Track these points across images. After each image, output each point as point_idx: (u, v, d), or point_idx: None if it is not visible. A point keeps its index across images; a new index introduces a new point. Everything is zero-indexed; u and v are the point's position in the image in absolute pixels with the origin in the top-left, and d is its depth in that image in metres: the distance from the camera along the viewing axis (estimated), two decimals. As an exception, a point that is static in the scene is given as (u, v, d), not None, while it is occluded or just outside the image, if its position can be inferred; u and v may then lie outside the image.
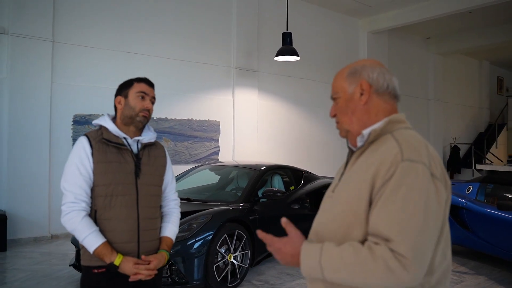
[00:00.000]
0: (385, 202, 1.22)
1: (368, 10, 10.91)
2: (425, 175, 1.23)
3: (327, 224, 1.39)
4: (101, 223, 2.04)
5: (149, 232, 2.13)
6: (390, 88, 1.42)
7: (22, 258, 5.69)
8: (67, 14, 7.07)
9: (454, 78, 15.25)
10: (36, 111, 6.72)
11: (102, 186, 2.03)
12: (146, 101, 2.16)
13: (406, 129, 1.37)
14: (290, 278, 4.95)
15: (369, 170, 1.29)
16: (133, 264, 2.00)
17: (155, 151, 2.24)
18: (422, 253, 1.18)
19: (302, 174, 6.41)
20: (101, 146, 2.07)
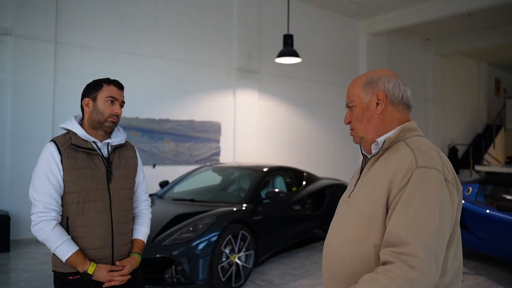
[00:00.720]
0: (402, 207, 1.29)
1: (368, 12, 10.98)
2: (439, 180, 1.30)
3: (345, 228, 1.46)
4: (74, 230, 2.00)
5: (122, 237, 2.12)
6: (404, 98, 1.50)
7: (26, 258, 5.72)
8: (70, 15, 7.10)
9: (452, 79, 15.34)
10: (39, 111, 6.75)
11: (74, 193, 1.99)
12: (116, 106, 2.10)
13: (418, 137, 1.46)
14: (293, 278, 5.00)
15: (386, 177, 1.36)
16: (106, 271, 1.99)
17: (125, 152, 2.20)
18: (437, 254, 1.26)
19: (303, 175, 6.47)
20: (70, 152, 2.01)
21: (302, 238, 5.84)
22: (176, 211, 4.80)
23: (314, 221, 6.01)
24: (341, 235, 1.46)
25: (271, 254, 5.33)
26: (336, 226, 1.53)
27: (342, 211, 1.53)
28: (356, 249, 1.39)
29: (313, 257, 5.91)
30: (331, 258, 1.50)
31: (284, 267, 5.42)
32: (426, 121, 14.08)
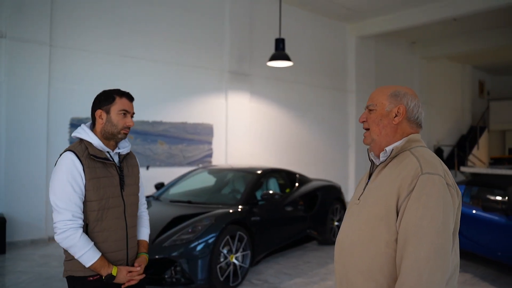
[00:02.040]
0: (410, 209, 1.48)
1: (357, 16, 11.20)
2: (441, 185, 1.49)
3: (356, 227, 1.64)
4: (93, 236, 2.11)
5: (133, 239, 2.28)
6: (419, 119, 1.70)
7: (23, 260, 5.77)
8: (65, 18, 7.15)
9: (438, 82, 15.66)
10: (34, 114, 6.79)
11: (95, 202, 2.09)
12: (128, 119, 2.20)
13: (422, 147, 1.65)
14: (288, 277, 5.16)
15: (395, 182, 1.54)
16: (126, 272, 2.15)
17: (131, 161, 2.33)
18: (443, 249, 1.44)
19: (296, 177, 6.63)
20: (90, 163, 2.10)
21: (295, 238, 6.00)
22: (174, 213, 4.92)
23: (307, 222, 6.18)
24: (353, 234, 1.64)
25: (266, 254, 5.47)
26: (348, 226, 1.70)
27: (353, 212, 1.70)
28: (368, 247, 1.57)
29: (306, 257, 6.07)
30: (344, 255, 1.67)
31: (278, 266, 5.58)
32: (413, 123, 14.32)
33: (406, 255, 1.45)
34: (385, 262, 1.53)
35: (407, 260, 1.44)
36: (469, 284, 5.05)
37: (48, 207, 6.93)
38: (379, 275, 1.54)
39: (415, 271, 1.42)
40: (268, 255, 5.58)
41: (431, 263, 1.41)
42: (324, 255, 6.16)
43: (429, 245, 1.42)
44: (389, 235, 1.52)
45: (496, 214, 5.22)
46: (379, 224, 1.55)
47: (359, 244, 1.60)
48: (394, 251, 1.52)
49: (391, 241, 1.52)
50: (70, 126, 7.15)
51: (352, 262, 1.62)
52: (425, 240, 1.43)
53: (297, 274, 5.30)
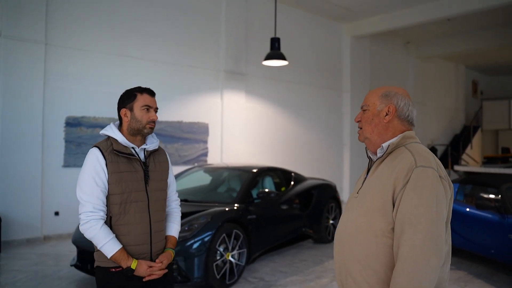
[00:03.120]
0: (405, 199, 1.57)
1: (352, 16, 11.26)
2: (435, 177, 1.58)
3: (355, 218, 1.74)
4: (116, 229, 2.19)
5: (159, 234, 2.31)
6: (409, 117, 1.80)
7: (19, 259, 5.77)
8: (60, 17, 7.14)
9: (432, 82, 15.75)
10: (29, 113, 6.78)
11: (117, 195, 2.18)
12: (151, 113, 2.28)
13: (416, 143, 1.75)
14: (284, 275, 5.19)
15: (391, 176, 1.64)
16: (147, 267, 2.19)
17: (159, 157, 2.39)
18: (437, 237, 1.53)
19: (291, 175, 6.66)
20: (113, 157, 2.19)
21: (291, 236, 6.03)
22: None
23: (302, 220, 6.21)
24: (352, 225, 1.73)
25: (262, 252, 5.50)
26: (347, 217, 1.80)
27: (352, 205, 1.80)
28: (366, 235, 1.66)
29: (301, 255, 6.11)
30: (344, 244, 1.76)
31: (274, 264, 5.61)
32: (407, 122, 14.40)
33: (402, 242, 1.54)
34: (382, 251, 1.62)
35: (404, 247, 1.53)
36: (463, 281, 5.11)
37: (44, 205, 6.93)
38: (376, 264, 1.63)
39: (411, 257, 1.50)
40: (264, 253, 5.61)
41: (426, 250, 1.50)
42: (319, 253, 6.20)
43: (424, 233, 1.51)
44: (386, 225, 1.62)
45: (489, 212, 5.28)
46: (377, 215, 1.64)
47: (357, 234, 1.69)
48: (390, 240, 1.61)
49: (388, 230, 1.61)
50: (66, 125, 7.14)
51: (351, 252, 1.70)
52: (420, 228, 1.51)
53: (293, 272, 5.34)
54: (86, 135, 7.32)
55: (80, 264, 4.59)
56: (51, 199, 7.01)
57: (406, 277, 1.50)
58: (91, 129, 7.38)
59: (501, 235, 5.05)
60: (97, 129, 7.42)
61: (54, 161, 7.06)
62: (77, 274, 5.03)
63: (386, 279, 1.61)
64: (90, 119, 7.38)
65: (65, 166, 7.12)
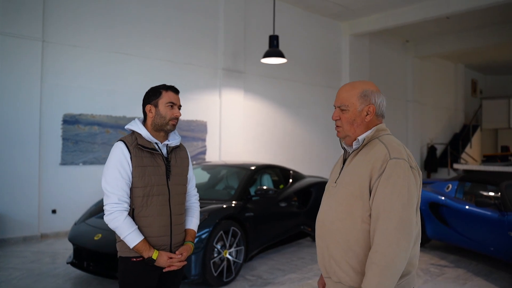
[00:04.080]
0: (380, 188, 1.74)
1: (350, 14, 11.22)
2: (406, 168, 1.76)
3: (335, 206, 1.88)
4: (138, 220, 2.28)
5: (178, 227, 2.40)
6: (383, 111, 1.95)
7: (15, 257, 5.72)
8: (57, 13, 7.10)
9: (431, 81, 15.73)
10: (26, 110, 6.73)
11: (140, 188, 2.26)
12: (175, 110, 2.38)
13: (388, 135, 1.90)
14: (282, 273, 5.16)
15: (367, 166, 1.79)
16: (167, 258, 2.28)
17: (180, 153, 2.48)
18: (409, 221, 1.71)
19: (290, 173, 6.62)
20: (137, 152, 2.28)
21: (289, 234, 5.99)
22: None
23: (301, 217, 6.18)
24: (332, 211, 1.88)
25: (260, 250, 5.46)
26: (327, 205, 1.94)
27: (331, 193, 1.94)
28: (346, 222, 1.81)
29: (299, 253, 6.07)
30: (325, 230, 1.90)
31: (272, 262, 5.57)
32: (406, 121, 14.41)
33: (377, 227, 1.72)
34: (361, 234, 1.78)
35: (379, 231, 1.71)
36: (462, 279, 5.08)
37: (41, 203, 6.89)
38: (356, 246, 1.79)
39: (385, 240, 1.68)
40: (262, 251, 5.57)
41: (398, 233, 1.68)
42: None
43: (397, 218, 1.69)
44: (364, 211, 1.78)
45: (489, 210, 5.25)
46: (355, 202, 1.80)
47: (338, 220, 1.84)
48: (368, 225, 1.77)
49: (366, 216, 1.78)
50: (63, 123, 7.10)
51: (333, 236, 1.85)
52: (394, 214, 1.70)
53: (291, 269, 5.30)
54: (83, 133, 7.27)
55: (77, 262, 4.55)
56: (48, 197, 6.97)
57: (380, 257, 1.67)
58: (89, 127, 7.33)
59: (500, 232, 5.02)
60: (95, 126, 7.38)
61: (52, 158, 7.02)
62: (73, 271, 5.00)
63: (365, 260, 1.77)
64: (87, 117, 7.33)
65: (62, 164, 7.07)
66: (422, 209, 6.26)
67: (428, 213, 6.18)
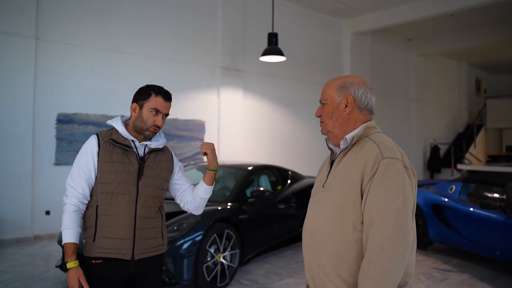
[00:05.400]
0: (373, 191, 1.57)
1: (352, 12, 11.04)
2: (400, 168, 1.60)
3: (324, 212, 1.71)
4: (101, 218, 2.16)
5: (144, 231, 2.21)
6: (369, 105, 1.77)
7: (6, 259, 5.58)
8: (51, 11, 6.95)
9: (434, 80, 15.52)
10: (19, 109, 6.59)
11: (104, 184, 2.15)
12: (158, 118, 2.23)
13: (379, 133, 1.74)
14: (278, 277, 4.98)
15: (358, 167, 1.63)
16: (77, 277, 2.08)
17: (161, 156, 2.34)
18: (405, 226, 1.55)
19: (288, 174, 6.46)
20: (107, 146, 2.19)
21: (287, 237, 5.83)
22: (160, 210, 4.72)
23: (299, 219, 6.00)
24: (321, 218, 1.71)
25: (257, 253, 5.30)
26: (315, 211, 1.76)
27: (319, 199, 1.77)
28: (337, 229, 1.64)
29: (298, 256, 5.90)
30: (314, 238, 1.73)
31: (269, 266, 5.40)
32: (409, 121, 14.22)
33: (371, 234, 1.55)
34: (353, 243, 1.61)
35: (372, 238, 1.54)
36: (466, 284, 4.89)
37: (34, 204, 6.75)
38: (348, 256, 1.62)
39: (380, 248, 1.52)
40: (259, 254, 5.41)
41: (394, 240, 1.52)
42: (317, 254, 5.98)
43: (392, 223, 1.53)
44: (356, 217, 1.61)
45: (494, 212, 5.06)
46: (346, 207, 1.63)
47: (328, 227, 1.67)
48: (361, 232, 1.61)
49: (358, 223, 1.61)
50: (57, 122, 6.95)
51: (322, 246, 1.69)
52: (388, 219, 1.53)
53: (288, 274, 5.13)
54: (78, 132, 7.13)
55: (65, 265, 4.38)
56: (42, 197, 6.82)
57: (374, 268, 1.52)
58: (83, 126, 7.19)
59: (506, 235, 4.83)
60: (90, 126, 7.23)
61: (45, 158, 6.87)
62: (62, 275, 4.84)
63: (358, 270, 1.61)
64: (82, 116, 7.18)
65: (56, 164, 6.93)
66: (424, 211, 6.08)
67: (431, 215, 6.00)
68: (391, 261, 1.51)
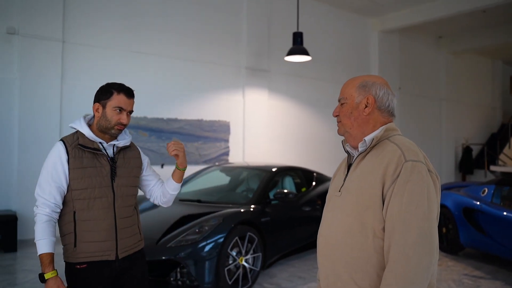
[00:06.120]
0: (396, 196, 1.48)
1: (379, 9, 10.80)
2: (424, 171, 1.51)
3: (341, 218, 1.60)
4: (80, 224, 2.13)
5: (125, 230, 2.25)
6: (390, 107, 1.68)
7: (32, 259, 5.67)
8: (77, 14, 7.06)
9: (466, 78, 15.05)
10: (47, 111, 6.71)
11: (80, 190, 2.12)
12: (123, 115, 2.21)
13: (399, 136, 1.65)
14: (302, 281, 4.88)
15: (378, 170, 1.54)
16: (57, 286, 2.05)
17: (130, 153, 2.34)
18: (430, 233, 1.45)
19: (313, 176, 6.34)
20: (77, 152, 2.14)
21: (311, 239, 5.71)
22: (182, 212, 4.70)
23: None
24: (339, 225, 1.61)
25: (280, 257, 5.20)
26: (331, 218, 1.66)
27: (335, 204, 1.67)
28: (355, 236, 1.54)
29: (323, 260, 5.76)
30: (330, 246, 1.63)
31: (293, 269, 5.30)
32: (439, 121, 13.83)
33: (393, 242, 1.45)
34: (373, 251, 1.52)
35: (395, 246, 1.44)
36: (499, 291, 4.67)
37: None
38: (368, 265, 1.52)
39: (403, 257, 1.42)
40: (282, 257, 5.31)
41: (418, 248, 1.42)
42: (342, 258, 5.84)
43: (416, 230, 1.43)
44: (377, 224, 1.52)
45: (529, 216, 4.81)
46: (366, 213, 1.54)
47: (346, 235, 1.58)
48: (382, 240, 1.51)
49: (379, 230, 1.51)
50: (83, 123, 7.04)
51: (339, 254, 1.59)
52: (412, 226, 1.44)
53: (312, 278, 5.01)
54: (103, 134, 7.20)
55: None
56: (69, 198, 6.91)
57: (397, 278, 1.42)
58: (109, 128, 7.25)
59: (542, 241, 4.58)
60: (115, 127, 7.30)
61: (72, 160, 6.96)
62: (86, 276, 4.87)
63: (378, 281, 1.52)
64: (107, 117, 7.25)
65: (82, 165, 7.02)
66: (455, 215, 5.85)
67: (461, 219, 5.76)
68: (416, 270, 1.41)
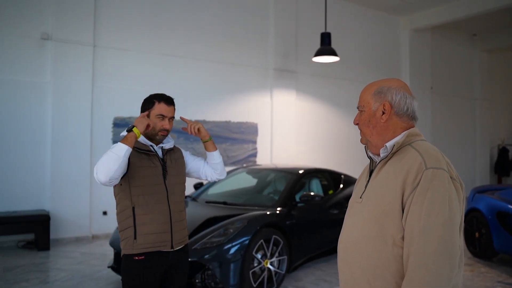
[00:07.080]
0: (416, 205, 1.44)
1: (409, 8, 10.57)
2: (446, 179, 1.45)
3: (361, 226, 1.57)
4: (139, 218, 2.35)
5: (179, 223, 2.49)
6: (409, 111, 1.62)
7: (64, 257, 5.83)
8: (107, 18, 7.22)
9: (501, 77, 14.54)
10: (78, 114, 6.89)
11: (138, 187, 2.36)
12: (165, 122, 2.46)
13: (422, 141, 1.60)
14: (328, 285, 4.81)
15: (399, 178, 1.50)
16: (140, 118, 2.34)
17: (174, 155, 2.60)
18: (452, 245, 1.40)
19: (341, 178, 6.25)
20: (135, 153, 2.38)
21: (338, 243, 5.63)
22: (207, 214, 4.72)
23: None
24: (358, 232, 1.58)
25: (306, 260, 5.16)
26: (351, 224, 1.64)
27: (356, 211, 1.65)
28: (374, 244, 1.51)
29: (350, 263, 5.68)
30: (349, 253, 1.61)
31: (319, 273, 5.24)
32: (473, 121, 13.42)
33: (413, 251, 1.42)
34: (392, 259, 1.49)
35: (415, 256, 1.41)
36: (535, 300, 4.47)
37: (92, 205, 7.02)
38: (387, 273, 1.49)
39: (422, 266, 1.38)
40: (309, 260, 5.26)
41: (438, 258, 1.38)
42: (370, 262, 5.73)
43: (436, 239, 1.39)
44: (396, 232, 1.48)
45: None
46: (385, 221, 1.50)
47: (366, 242, 1.55)
48: (401, 249, 1.47)
49: (398, 238, 1.48)
50: (113, 126, 7.19)
51: (358, 261, 1.57)
52: (432, 235, 1.40)
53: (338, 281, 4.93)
54: (133, 136, 7.32)
55: (116, 266, 4.50)
56: (100, 199, 7.08)
57: None
58: (138, 130, 7.37)
59: None
60: (144, 129, 7.41)
61: (102, 161, 7.12)
62: (114, 275, 4.96)
63: None
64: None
65: (112, 166, 7.15)
66: (488, 219, 5.65)
67: (495, 224, 5.56)
68: (435, 281, 1.37)
